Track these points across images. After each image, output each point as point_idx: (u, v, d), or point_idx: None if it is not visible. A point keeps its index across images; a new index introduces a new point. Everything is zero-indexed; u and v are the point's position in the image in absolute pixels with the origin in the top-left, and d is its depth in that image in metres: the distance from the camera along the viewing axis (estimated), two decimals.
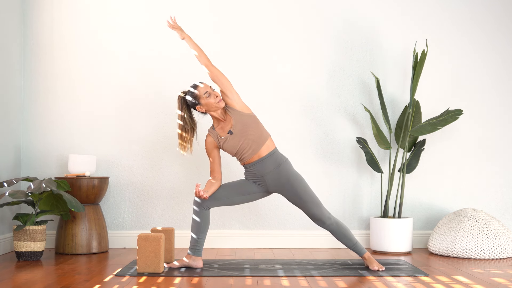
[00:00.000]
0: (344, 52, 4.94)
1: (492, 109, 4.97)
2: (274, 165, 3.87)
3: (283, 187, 3.88)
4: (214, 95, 3.83)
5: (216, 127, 3.93)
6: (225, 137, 3.87)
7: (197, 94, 3.85)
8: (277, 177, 3.87)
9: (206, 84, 3.89)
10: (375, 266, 3.82)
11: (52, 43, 4.89)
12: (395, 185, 4.87)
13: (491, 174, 4.95)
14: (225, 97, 3.89)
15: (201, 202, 3.88)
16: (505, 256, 4.39)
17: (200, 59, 3.94)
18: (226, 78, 3.91)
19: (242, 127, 3.85)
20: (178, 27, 4.01)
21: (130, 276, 3.60)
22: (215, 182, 3.92)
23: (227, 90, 3.88)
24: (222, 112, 3.90)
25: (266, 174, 3.87)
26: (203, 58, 3.94)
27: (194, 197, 3.88)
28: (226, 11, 4.93)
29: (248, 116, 3.88)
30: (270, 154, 3.87)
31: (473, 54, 4.98)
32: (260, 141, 3.86)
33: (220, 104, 3.84)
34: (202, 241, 3.89)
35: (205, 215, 3.88)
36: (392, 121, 4.89)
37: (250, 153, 3.86)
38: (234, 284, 3.39)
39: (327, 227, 3.89)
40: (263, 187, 3.93)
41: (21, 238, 4.13)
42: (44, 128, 4.87)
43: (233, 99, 3.89)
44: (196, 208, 3.89)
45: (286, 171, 3.87)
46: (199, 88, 3.86)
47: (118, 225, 4.86)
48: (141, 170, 4.87)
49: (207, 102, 3.84)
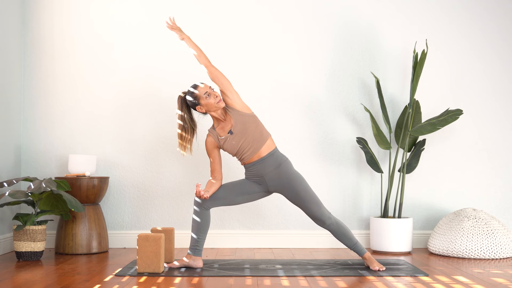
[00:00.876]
0: (344, 52, 4.94)
1: (492, 109, 4.97)
2: (275, 164, 3.87)
3: (283, 186, 3.88)
4: (214, 95, 3.83)
5: (216, 127, 3.93)
6: (225, 137, 3.87)
7: (197, 94, 3.85)
8: (277, 177, 3.87)
9: (206, 85, 3.89)
10: (376, 266, 3.82)
11: (52, 43, 4.89)
12: (395, 185, 4.87)
13: (491, 174, 4.95)
14: (225, 97, 3.89)
15: (202, 202, 3.88)
16: (505, 256, 4.39)
17: (200, 59, 3.94)
18: (226, 78, 3.91)
19: (242, 127, 3.85)
20: (177, 28, 4.01)
21: (130, 276, 3.60)
22: (216, 182, 3.92)
23: (227, 90, 3.88)
24: (222, 112, 3.89)
25: (267, 174, 3.87)
26: (202, 58, 3.94)
27: (195, 197, 3.88)
28: (226, 11, 4.93)
29: (249, 116, 3.88)
30: (270, 154, 3.87)
31: (473, 54, 4.98)
32: (260, 141, 3.86)
33: (220, 105, 3.83)
34: (202, 241, 3.89)
35: (206, 215, 3.88)
36: (392, 121, 4.89)
37: (250, 153, 3.86)
38: (234, 284, 3.39)
39: (327, 227, 3.89)
40: (264, 187, 3.93)
41: (21, 238, 4.13)
42: (44, 128, 4.87)
43: (233, 99, 3.89)
44: (197, 208, 3.89)
45: (287, 171, 3.87)
46: (199, 88, 3.86)
47: (118, 225, 4.86)
48: (141, 170, 4.87)
49: (207, 103, 3.84)
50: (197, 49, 3.95)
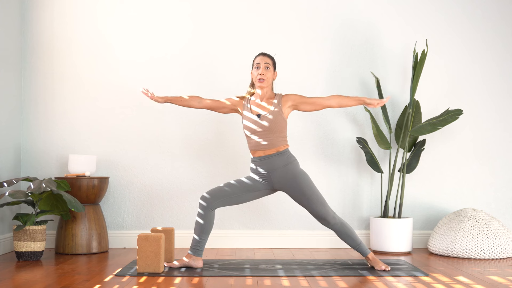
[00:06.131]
0: (344, 51, 4.94)
1: (492, 109, 4.98)
2: (283, 163, 3.85)
3: (289, 185, 3.86)
4: (260, 70, 3.88)
5: (255, 99, 3.95)
6: (252, 114, 3.88)
7: (253, 60, 3.95)
8: (284, 175, 3.85)
9: (267, 57, 3.92)
10: (382, 266, 3.81)
11: (52, 43, 4.89)
12: (395, 185, 4.87)
13: (491, 174, 4.95)
14: (304, 107, 3.93)
15: (208, 203, 3.84)
16: (505, 256, 4.39)
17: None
18: (297, 96, 3.93)
19: (272, 122, 3.84)
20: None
21: (130, 276, 3.60)
22: (188, 98, 4.01)
23: (303, 104, 3.92)
24: (264, 92, 3.91)
25: (274, 170, 3.85)
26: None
27: (200, 200, 3.87)
28: (226, 11, 4.93)
29: (284, 120, 3.88)
30: (281, 152, 3.85)
31: (473, 54, 4.98)
32: (277, 139, 3.85)
33: (258, 83, 3.87)
34: (204, 242, 3.88)
35: (210, 217, 3.87)
36: (392, 121, 4.89)
37: (263, 144, 3.84)
38: (234, 284, 3.39)
39: (331, 226, 3.88)
40: (268, 184, 3.90)
41: (21, 238, 4.13)
42: (44, 128, 4.87)
43: (306, 106, 3.92)
44: (201, 210, 3.86)
45: (293, 170, 3.86)
46: (257, 57, 3.94)
47: (118, 225, 4.86)
48: (141, 170, 4.87)
49: (252, 72, 3.93)
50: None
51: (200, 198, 3.87)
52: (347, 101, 3.90)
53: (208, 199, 3.85)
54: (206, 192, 3.88)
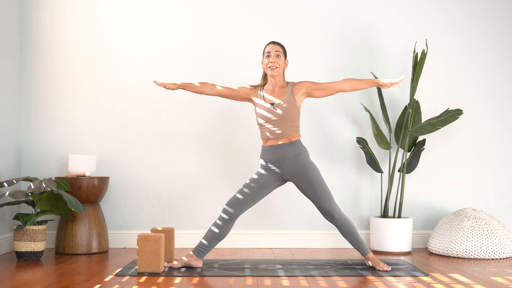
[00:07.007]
0: (344, 51, 4.94)
1: (492, 109, 4.98)
2: (294, 153, 3.83)
3: (298, 176, 3.84)
4: (272, 57, 3.85)
5: (267, 88, 3.93)
6: (264, 100, 3.87)
7: (264, 50, 3.91)
8: (294, 166, 3.83)
9: (277, 45, 3.89)
10: (384, 266, 3.81)
11: (52, 43, 4.89)
12: (395, 185, 4.87)
13: (491, 174, 4.95)
14: (317, 92, 3.91)
15: (231, 216, 3.83)
16: (505, 256, 4.39)
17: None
18: (311, 83, 3.90)
19: (285, 111, 3.82)
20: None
21: (130, 276, 3.60)
22: (201, 85, 3.95)
23: (316, 90, 3.90)
24: (276, 81, 3.89)
25: (285, 160, 3.83)
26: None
27: (222, 213, 3.85)
28: (225, 11, 4.93)
29: (297, 109, 3.86)
30: (292, 143, 3.84)
31: (473, 54, 4.98)
32: (290, 129, 3.84)
33: (269, 71, 3.85)
34: (211, 249, 3.88)
35: (228, 228, 3.86)
36: (392, 121, 4.89)
37: (276, 133, 3.83)
38: (234, 284, 3.39)
39: (335, 222, 3.88)
40: (278, 175, 3.87)
41: (21, 238, 4.13)
42: (44, 128, 4.87)
43: (319, 92, 3.90)
44: (222, 222, 3.84)
45: (304, 161, 3.84)
46: (268, 46, 3.91)
47: (118, 225, 4.86)
48: (141, 170, 4.87)
49: (263, 61, 3.90)
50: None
51: (222, 212, 3.85)
52: (360, 84, 3.87)
53: (232, 213, 3.83)
54: (227, 205, 3.85)
